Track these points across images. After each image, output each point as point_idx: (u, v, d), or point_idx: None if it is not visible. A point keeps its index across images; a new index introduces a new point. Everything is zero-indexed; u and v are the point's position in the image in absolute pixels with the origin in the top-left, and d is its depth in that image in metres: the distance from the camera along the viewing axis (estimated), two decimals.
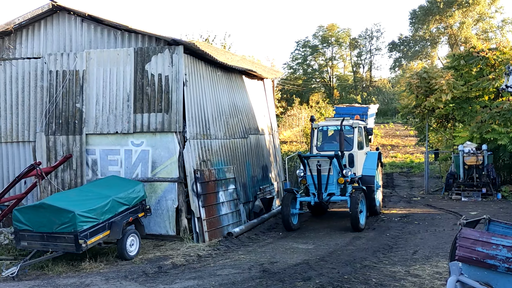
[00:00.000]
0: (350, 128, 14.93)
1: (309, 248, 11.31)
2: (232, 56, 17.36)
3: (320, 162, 13.36)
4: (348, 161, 14.40)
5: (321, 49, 71.71)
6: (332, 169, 13.37)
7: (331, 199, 13.57)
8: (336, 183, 13.53)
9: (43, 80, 13.38)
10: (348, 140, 14.74)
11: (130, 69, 12.67)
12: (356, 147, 14.81)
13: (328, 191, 13.49)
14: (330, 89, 70.13)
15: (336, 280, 8.34)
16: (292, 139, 36.96)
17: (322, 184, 13.41)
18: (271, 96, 19.79)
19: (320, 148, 15.22)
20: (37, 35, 13.55)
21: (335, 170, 13.47)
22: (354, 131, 14.92)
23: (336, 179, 13.51)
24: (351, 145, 14.71)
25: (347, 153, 14.38)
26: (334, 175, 13.45)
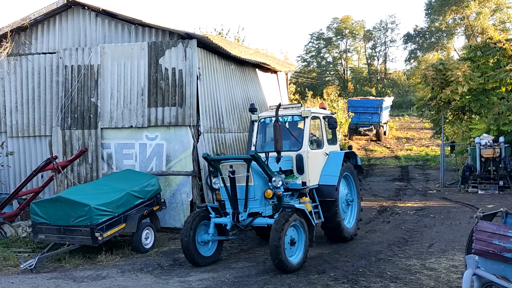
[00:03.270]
0: (299, 118, 10.43)
1: (323, 241, 11.28)
2: (246, 50, 17.33)
3: (234, 167, 8.96)
4: (296, 166, 10.06)
5: (335, 41, 71.28)
6: (253, 178, 9.00)
7: (254, 222, 9.09)
8: (261, 198, 9.14)
9: (58, 75, 13.50)
10: (296, 135, 10.44)
11: (144, 63, 12.72)
12: (307, 145, 10.18)
13: (249, 210, 9.06)
14: (344, 82, 69.73)
15: (351, 273, 8.33)
16: None
17: (239, 199, 9.06)
18: (284, 89, 19.75)
19: (261, 149, 10.64)
20: (52, 30, 13.66)
21: (258, 179, 9.11)
22: (305, 123, 10.31)
23: (261, 192, 9.11)
24: (299, 143, 10.25)
25: (293, 154, 10.10)
26: (256, 186, 9.05)
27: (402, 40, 68.73)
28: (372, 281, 7.86)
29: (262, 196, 9.17)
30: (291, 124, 10.58)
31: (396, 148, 34.69)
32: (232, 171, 8.96)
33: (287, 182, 9.72)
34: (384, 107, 37.81)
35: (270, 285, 7.79)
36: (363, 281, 7.88)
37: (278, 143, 9.25)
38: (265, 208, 9.22)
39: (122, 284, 8.01)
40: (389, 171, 26.10)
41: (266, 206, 9.24)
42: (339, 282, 7.86)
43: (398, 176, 23.99)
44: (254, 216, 9.19)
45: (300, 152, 10.14)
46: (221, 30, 30.91)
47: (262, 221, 9.12)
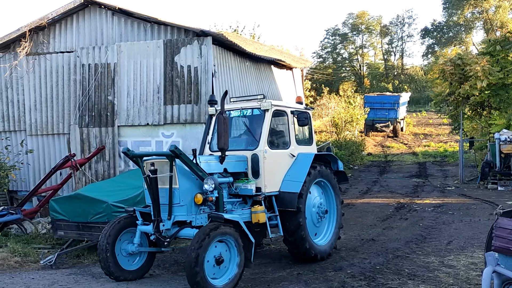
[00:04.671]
0: (260, 112, 8.72)
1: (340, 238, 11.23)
2: (261, 46, 17.31)
3: (156, 166, 7.62)
4: (251, 168, 8.48)
5: (351, 37, 70.82)
6: (178, 179, 7.54)
7: (180, 233, 7.60)
8: (190, 204, 7.61)
9: (76, 74, 13.64)
10: (254, 132, 8.83)
11: (160, 61, 12.78)
12: (265, 143, 8.50)
13: (174, 218, 7.59)
14: (361, 77, 69.26)
15: (368, 271, 8.28)
16: (322, 129, 36.70)
17: (162, 205, 7.62)
18: (300, 86, 19.68)
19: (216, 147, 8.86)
20: (69, 29, 13.80)
21: (185, 181, 7.60)
22: (264, 118, 8.64)
23: (190, 197, 7.59)
24: (256, 141, 8.61)
25: (248, 153, 8.51)
26: (183, 189, 7.56)
27: (420, 35, 68.11)
28: (389, 278, 7.80)
29: (191, 202, 7.58)
30: (250, 119, 8.98)
31: (414, 144, 34.39)
32: (154, 170, 7.54)
33: (237, 186, 8.33)
34: (401, 103, 37.50)
35: (286, 282, 7.79)
36: (380, 278, 7.82)
37: (222, 140, 7.74)
38: (195, 216, 7.58)
39: (140, 280, 8.08)
40: (406, 167, 25.89)
41: (197, 214, 7.62)
42: (356, 279, 7.82)
43: (416, 173, 23.78)
44: (180, 226, 7.65)
45: (255, 151, 8.46)
46: (237, 27, 30.96)
47: (190, 232, 7.41)
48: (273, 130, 9.10)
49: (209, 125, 9.50)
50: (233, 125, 9.30)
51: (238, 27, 30.95)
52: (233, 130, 9.34)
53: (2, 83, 14.26)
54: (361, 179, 22.72)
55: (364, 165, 27.29)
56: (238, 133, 9.45)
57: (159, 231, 7.60)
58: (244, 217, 8.05)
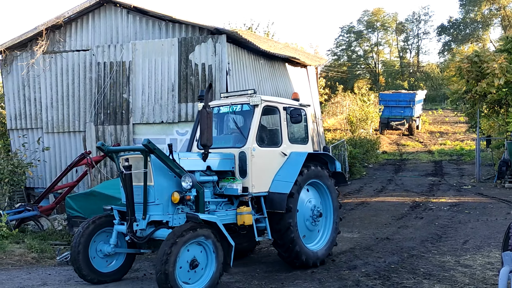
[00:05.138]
0: (249, 108, 8.29)
1: (354, 237, 11.18)
2: (275, 44, 17.28)
3: (130, 161, 7.23)
4: (238, 166, 8.02)
5: (366, 34, 70.35)
6: (153, 176, 7.14)
7: (155, 234, 7.12)
8: (167, 203, 7.22)
9: (91, 72, 13.76)
10: (242, 128, 8.39)
11: (174, 59, 12.83)
12: (253, 141, 8.01)
13: (149, 218, 7.17)
14: (376, 75, 68.79)
15: (383, 270, 8.22)
16: (336, 127, 36.58)
17: (137, 203, 7.22)
18: (314, 84, 19.61)
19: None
20: (85, 28, 13.92)
21: (160, 178, 7.20)
22: (254, 113, 8.19)
23: (166, 196, 7.19)
24: (244, 138, 8.14)
25: (236, 151, 8.05)
26: (158, 186, 7.16)
27: (436, 32, 67.41)
28: (404, 277, 7.74)
29: (168, 201, 7.18)
30: (240, 115, 8.58)
31: (429, 143, 34.07)
32: (128, 166, 7.16)
33: (222, 186, 7.89)
34: (417, 101, 37.17)
35: (300, 280, 7.77)
36: (395, 277, 7.77)
37: (205, 136, 7.27)
38: (172, 216, 7.18)
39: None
40: (422, 166, 25.67)
41: (175, 214, 7.22)
42: (370, 278, 7.77)
43: (432, 171, 23.57)
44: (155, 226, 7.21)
45: (243, 149, 7.99)
46: (251, 25, 30.96)
47: (165, 233, 6.88)
48: (264, 127, 8.69)
49: (197, 121, 8.84)
50: (223, 122, 8.90)
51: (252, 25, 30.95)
52: (223, 127, 8.93)
53: (19, 81, 14.44)
54: (376, 177, 22.58)
55: (379, 163, 27.11)
56: (227, 130, 8.91)
57: (132, 231, 7.18)
58: (228, 218, 7.67)
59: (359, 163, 24.39)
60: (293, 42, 42.37)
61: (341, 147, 22.39)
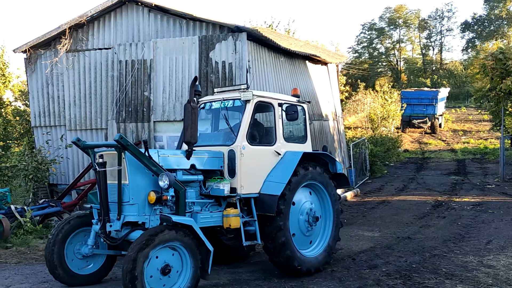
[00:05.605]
0: (241, 104, 7.88)
1: (375, 236, 11.09)
2: (296, 42, 17.21)
3: (105, 158, 6.96)
4: (228, 166, 7.59)
5: (388, 31, 69.65)
6: (128, 174, 6.75)
7: (130, 236, 6.73)
8: (143, 203, 6.80)
9: (113, 70, 13.91)
10: (233, 125, 7.88)
11: (195, 57, 12.88)
12: (243, 138, 7.60)
13: (124, 218, 6.76)
14: (397, 72, 68.04)
15: (404, 269, 8.14)
16: (357, 125, 36.31)
17: (112, 203, 6.90)
18: (335, 81, 19.48)
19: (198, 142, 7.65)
20: (107, 27, 14.07)
21: (136, 176, 6.81)
22: (245, 109, 7.77)
23: (142, 195, 6.80)
24: (234, 135, 7.67)
25: (225, 149, 7.64)
26: (133, 185, 6.77)
27: (459, 28, 66.41)
28: (426, 277, 7.65)
29: (144, 201, 6.77)
30: (232, 111, 8.16)
31: (452, 141, 33.58)
32: (102, 162, 6.85)
33: (209, 186, 7.46)
34: (440, 99, 36.67)
35: (320, 279, 7.74)
36: (416, 277, 7.68)
37: (188, 132, 6.77)
38: (149, 217, 6.76)
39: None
40: (444, 164, 25.32)
41: (152, 215, 6.79)
42: (391, 277, 7.70)
43: (454, 170, 23.22)
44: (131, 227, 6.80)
45: (232, 147, 7.56)
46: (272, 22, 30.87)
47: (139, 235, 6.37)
48: (260, 124, 8.31)
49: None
50: (218, 119, 8.48)
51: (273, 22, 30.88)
52: (218, 124, 8.56)
53: (43, 79, 14.68)
54: (397, 176, 22.36)
55: (401, 162, 26.84)
56: (219, 127, 8.52)
57: (105, 232, 6.80)
58: (214, 220, 7.28)
59: (380, 161, 24.19)
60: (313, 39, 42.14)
61: (362, 145, 22.22)
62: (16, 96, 24.64)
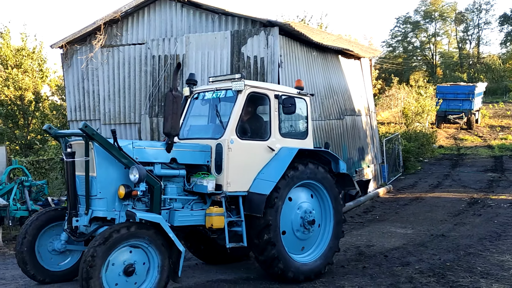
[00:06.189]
0: (233, 94, 7.32)
1: (407, 233, 10.92)
2: (328, 36, 17.04)
3: (74, 148, 6.60)
4: (215, 161, 7.07)
5: (423, 25, 68.19)
6: (96, 165, 6.29)
7: (98, 232, 6.27)
8: (112, 198, 6.35)
9: (147, 65, 14.09)
10: (223, 117, 7.37)
11: (227, 52, 12.91)
12: (233, 131, 7.07)
13: (92, 213, 6.35)
14: (433, 67, 66.62)
15: (438, 267, 7.98)
16: (390, 120, 35.75)
17: (79, 196, 6.54)
18: (368, 76, 19.22)
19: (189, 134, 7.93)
20: (141, 22, 14.26)
21: (105, 169, 6.35)
22: (236, 100, 7.24)
23: (111, 189, 6.34)
24: (222, 127, 7.21)
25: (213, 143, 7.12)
26: (101, 178, 6.31)
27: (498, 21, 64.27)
28: (460, 276, 7.48)
29: (114, 196, 6.29)
30: (223, 102, 7.57)
31: (489, 137, 32.68)
32: (70, 152, 6.45)
33: (193, 182, 6.98)
34: (477, 94, 35.73)
35: (351, 275, 7.67)
36: (450, 275, 7.52)
37: (168, 122, 6.33)
38: (119, 213, 6.30)
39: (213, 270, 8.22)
40: (480, 161, 24.67)
41: (123, 210, 6.31)
42: (424, 275, 7.57)
43: (491, 167, 22.61)
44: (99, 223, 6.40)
45: (219, 140, 7.04)
46: (304, 16, 30.72)
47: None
48: (256, 117, 7.72)
49: (182, 109, 7.96)
50: (211, 109, 7.85)
51: (305, 16, 30.71)
52: (211, 115, 7.89)
53: (79, 74, 15.00)
54: (432, 172, 21.94)
55: (435, 158, 26.32)
56: (210, 119, 7.95)
57: (71, 227, 6.43)
58: (195, 219, 6.81)
59: (413, 157, 23.79)
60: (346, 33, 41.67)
61: (395, 141, 21.89)
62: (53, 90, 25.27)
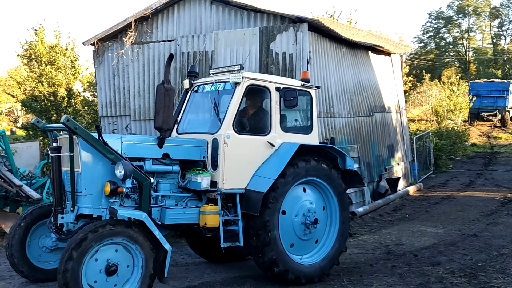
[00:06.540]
0: (231, 87, 7.00)
1: (438, 232, 10.72)
2: (358, 32, 16.84)
3: (60, 143, 6.38)
4: (211, 156, 6.79)
5: (456, 20, 66.59)
6: (81, 161, 6.06)
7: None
8: (98, 194, 6.11)
9: (176, 62, 14.20)
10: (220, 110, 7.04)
11: (256, 49, 12.90)
12: (229, 126, 6.75)
13: (78, 210, 6.15)
14: (466, 63, 65.07)
15: (469, 267, 7.81)
16: (422, 117, 35.14)
17: (67, 192, 6.32)
18: (399, 72, 18.92)
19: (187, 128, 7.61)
20: (171, 19, 14.38)
21: (91, 164, 6.10)
22: (233, 93, 6.91)
23: (97, 186, 6.10)
24: (218, 121, 6.91)
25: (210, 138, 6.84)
26: (86, 174, 6.07)
27: None
28: (492, 276, 7.30)
29: (100, 192, 6.06)
30: (222, 95, 7.19)
31: None
32: (56, 147, 6.22)
33: (188, 178, 6.70)
34: (511, 91, 34.76)
35: (380, 274, 7.58)
36: (482, 276, 7.35)
37: (160, 116, 6.18)
38: (106, 210, 6.07)
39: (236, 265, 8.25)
40: None
41: (103, 206, 6.11)
42: (455, 275, 7.41)
43: None
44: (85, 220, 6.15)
45: (215, 135, 6.74)
46: (333, 12, 30.46)
47: None
48: (249, 110, 7.32)
49: (182, 102, 7.78)
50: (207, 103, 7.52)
51: (334, 12, 30.48)
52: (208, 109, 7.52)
53: (110, 71, 15.24)
54: (464, 171, 21.47)
55: (467, 156, 25.75)
56: (209, 112, 7.52)
57: (56, 224, 6.22)
58: (188, 217, 6.56)
59: (445, 155, 23.31)
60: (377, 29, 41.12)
61: (426, 139, 21.50)
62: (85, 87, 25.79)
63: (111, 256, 5.64)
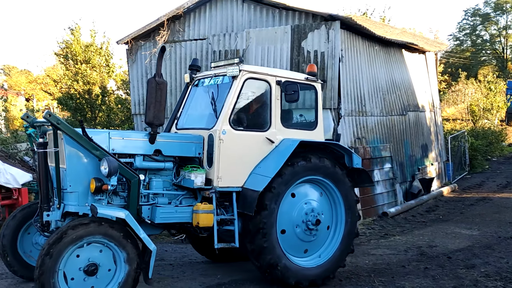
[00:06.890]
0: (229, 80, 6.73)
1: (473, 234, 10.46)
2: (391, 29, 16.57)
3: (46, 137, 6.24)
4: (207, 153, 6.54)
5: (494, 17, 64.80)
6: (66, 157, 5.91)
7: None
8: (84, 192, 5.96)
9: (208, 60, 14.29)
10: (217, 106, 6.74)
11: (287, 47, 12.85)
12: (225, 121, 6.49)
13: (64, 208, 5.96)
14: (503, 61, 63.25)
15: (505, 271, 7.59)
16: (457, 117, 34.35)
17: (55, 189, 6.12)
18: (433, 71, 18.54)
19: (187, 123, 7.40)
20: (203, 18, 14.48)
21: (76, 160, 5.95)
22: (231, 87, 6.65)
23: (83, 183, 5.95)
24: (215, 117, 6.63)
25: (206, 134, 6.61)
26: (71, 170, 5.91)
27: None
28: None
29: (86, 189, 5.91)
30: (220, 89, 6.84)
31: None
32: (43, 143, 6.03)
33: (182, 175, 6.46)
34: None
35: (412, 276, 7.45)
36: None
37: (151, 111, 6.02)
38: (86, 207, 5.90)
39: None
40: None
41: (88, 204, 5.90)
42: (490, 279, 7.22)
43: None
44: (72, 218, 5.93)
45: (211, 131, 6.48)
46: (366, 10, 30.00)
47: None
48: (247, 105, 7.02)
49: (182, 97, 7.57)
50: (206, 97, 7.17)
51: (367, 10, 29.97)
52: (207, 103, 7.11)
53: (143, 69, 15.46)
54: (500, 171, 20.89)
55: (504, 157, 25.04)
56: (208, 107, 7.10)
57: (41, 221, 6.05)
58: (179, 216, 6.28)
59: (481, 155, 22.73)
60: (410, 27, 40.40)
61: (461, 138, 21.00)
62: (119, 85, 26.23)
63: (94, 256, 5.45)
